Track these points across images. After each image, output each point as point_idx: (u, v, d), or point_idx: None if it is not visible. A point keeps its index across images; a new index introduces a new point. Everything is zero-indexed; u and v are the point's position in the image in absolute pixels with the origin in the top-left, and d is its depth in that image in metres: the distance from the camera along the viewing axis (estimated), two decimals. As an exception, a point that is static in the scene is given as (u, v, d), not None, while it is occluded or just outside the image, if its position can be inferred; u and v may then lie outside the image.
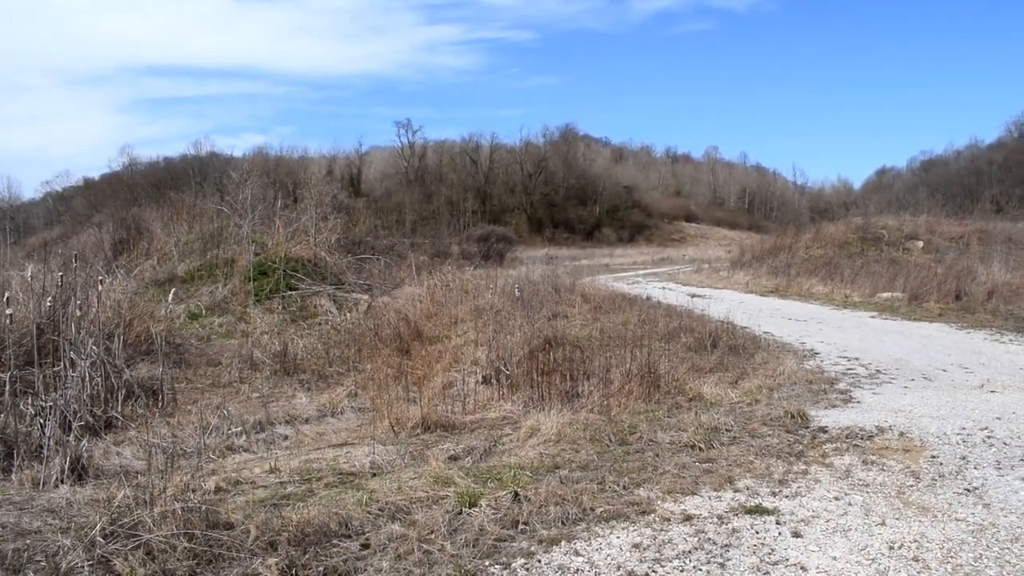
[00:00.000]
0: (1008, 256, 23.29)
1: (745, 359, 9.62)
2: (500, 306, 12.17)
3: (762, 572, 3.78)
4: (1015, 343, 11.61)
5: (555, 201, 77.60)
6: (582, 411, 6.84)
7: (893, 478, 5.21)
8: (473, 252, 29.80)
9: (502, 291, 13.52)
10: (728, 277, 25.36)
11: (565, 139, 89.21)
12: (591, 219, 76.81)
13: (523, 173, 78.16)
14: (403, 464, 5.57)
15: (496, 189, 77.42)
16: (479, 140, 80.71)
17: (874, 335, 12.48)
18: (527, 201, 76.08)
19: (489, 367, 8.75)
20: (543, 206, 76.29)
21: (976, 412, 7.15)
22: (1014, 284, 18.23)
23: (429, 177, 76.35)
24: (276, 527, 4.11)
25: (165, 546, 3.76)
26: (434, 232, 40.45)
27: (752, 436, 6.18)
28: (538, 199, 76.47)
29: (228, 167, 38.14)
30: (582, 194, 79.99)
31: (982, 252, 23.89)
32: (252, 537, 3.98)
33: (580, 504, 4.57)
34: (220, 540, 3.91)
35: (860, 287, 19.32)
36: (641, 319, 11.59)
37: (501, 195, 77.25)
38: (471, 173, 77.06)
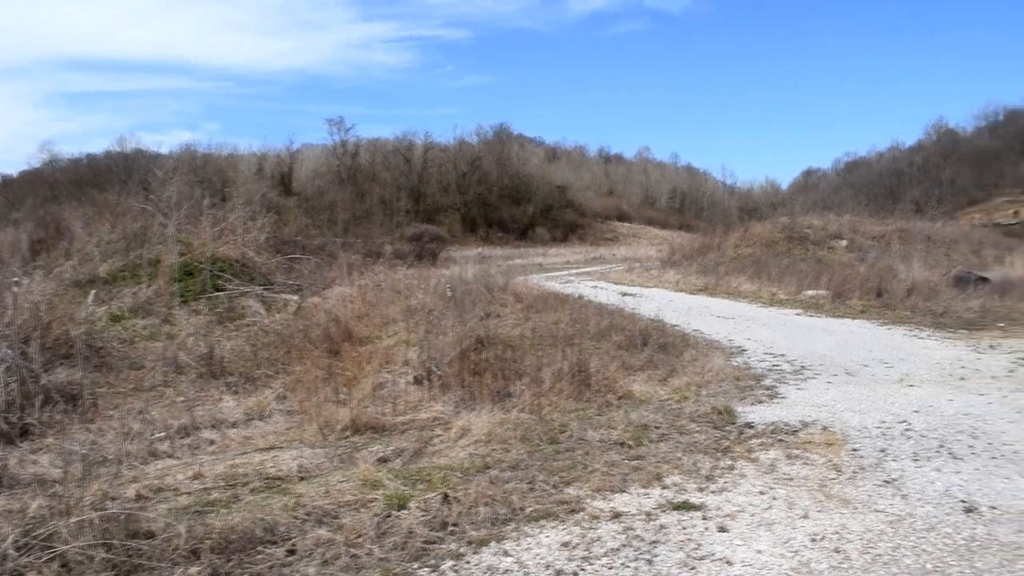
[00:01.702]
0: (927, 255, 24.11)
1: (674, 357, 9.74)
2: (432, 306, 12.12)
3: (688, 567, 3.83)
4: (933, 339, 11.99)
5: (489, 200, 77.52)
6: (513, 411, 6.84)
7: (816, 472, 5.34)
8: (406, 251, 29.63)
9: (434, 291, 13.48)
10: (659, 276, 25.66)
11: (499, 138, 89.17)
12: (525, 218, 76.93)
13: (457, 172, 77.90)
14: (331, 467, 5.50)
15: (430, 188, 77.01)
16: (413, 139, 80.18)
17: (799, 332, 12.77)
18: (461, 200, 75.86)
19: (421, 368, 8.69)
20: (477, 205, 76.15)
21: (895, 406, 7.37)
22: (932, 282, 18.86)
23: (362, 176, 75.49)
24: (199, 535, 4.02)
25: (82, 557, 3.65)
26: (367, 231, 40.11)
27: (680, 433, 6.27)
28: (472, 198, 76.30)
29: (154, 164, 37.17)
30: (516, 193, 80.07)
31: (902, 251, 24.65)
32: (174, 546, 3.88)
33: (510, 504, 4.57)
34: (140, 550, 3.81)
35: (786, 285, 19.73)
36: (573, 318, 11.66)
37: (435, 194, 76.86)
38: (404, 172, 76.48)
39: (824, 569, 3.82)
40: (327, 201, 65.46)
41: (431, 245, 36.00)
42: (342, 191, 68.96)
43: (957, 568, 3.84)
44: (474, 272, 17.07)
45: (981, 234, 35.76)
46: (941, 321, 14.05)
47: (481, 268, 19.41)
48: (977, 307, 15.38)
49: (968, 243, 29.41)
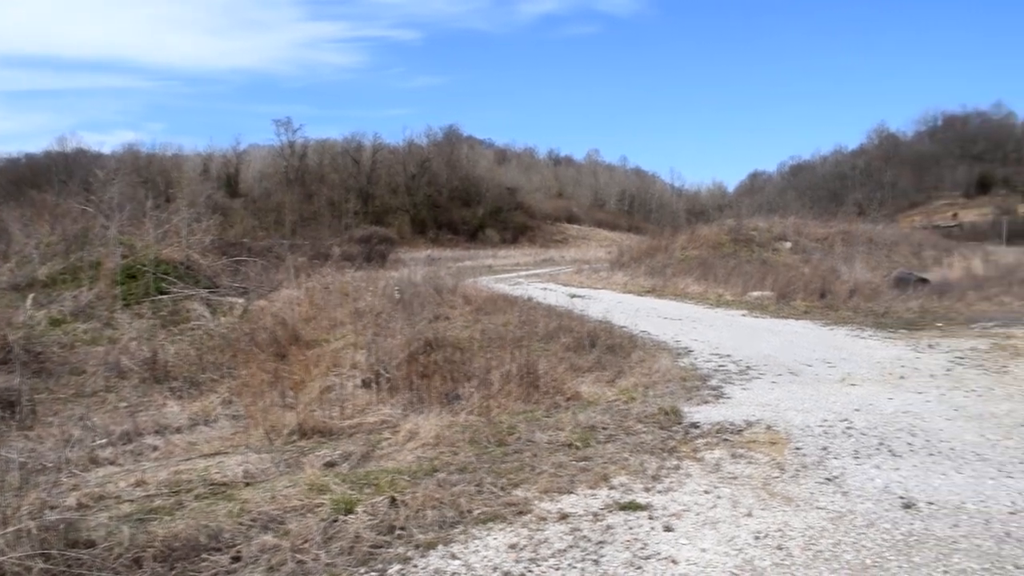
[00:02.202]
0: (869, 256, 24.65)
1: (622, 358, 9.82)
2: (381, 308, 12.06)
3: (635, 567, 3.87)
4: (874, 338, 12.25)
5: (439, 202, 77.31)
6: (462, 413, 6.84)
7: (760, 470, 5.42)
8: (355, 253, 29.43)
9: (383, 293, 13.41)
10: (607, 277, 25.81)
11: (449, 140, 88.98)
12: (475, 220, 76.87)
13: (406, 174, 77.54)
14: (278, 472, 5.44)
15: (379, 190, 76.54)
16: (362, 140, 79.54)
17: (745, 333, 12.95)
18: (410, 202, 75.52)
19: (369, 370, 8.63)
20: (426, 207, 75.88)
21: (837, 404, 7.52)
22: (874, 283, 19.29)
23: (310, 177, 74.73)
24: (141, 543, 3.95)
25: (19, 568, 3.56)
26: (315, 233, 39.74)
27: (627, 434, 6.32)
28: (421, 200, 76.02)
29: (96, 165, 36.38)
30: (466, 195, 79.97)
31: (845, 253, 25.16)
32: (115, 555, 3.81)
33: (457, 507, 4.57)
34: (80, 559, 3.73)
35: (732, 286, 19.98)
36: (522, 320, 11.69)
37: (384, 196, 76.41)
38: (353, 173, 75.87)
39: (767, 566, 3.88)
40: (274, 203, 64.68)
41: (380, 247, 35.81)
42: (290, 193, 68.19)
43: (895, 563, 3.93)
44: (423, 274, 17.02)
45: (921, 236, 36.69)
46: (882, 321, 14.36)
47: (430, 270, 19.37)
48: (917, 307, 15.75)
49: (909, 245, 30.14)
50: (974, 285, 19.04)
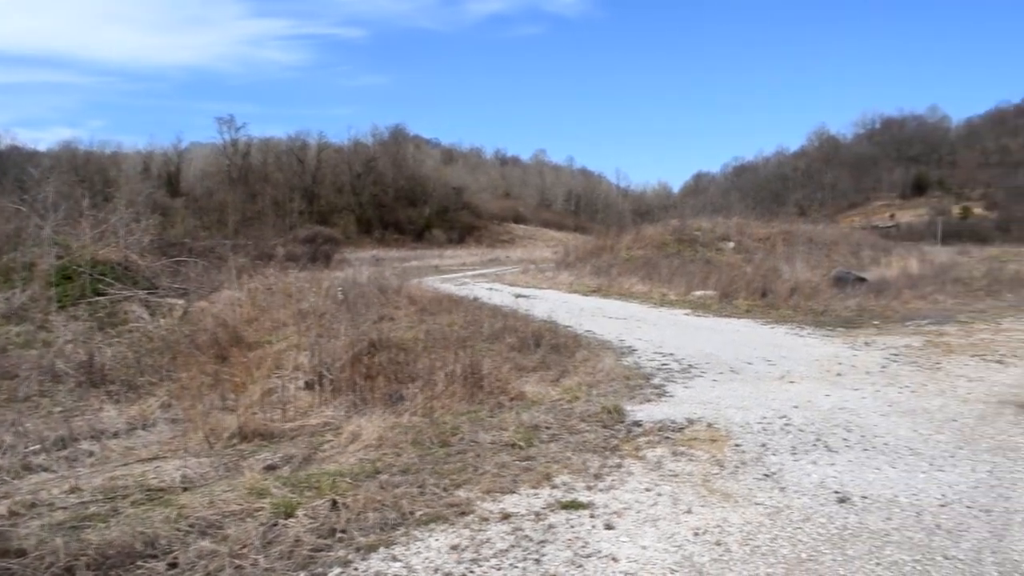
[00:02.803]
0: (809, 256, 25.07)
1: (566, 357, 9.86)
2: (325, 309, 11.94)
3: (576, 565, 3.89)
4: (813, 336, 12.49)
5: (384, 202, 76.89)
6: (405, 414, 6.80)
7: (700, 467, 5.49)
8: (299, 254, 29.05)
9: (327, 294, 13.28)
10: (553, 277, 25.89)
11: (395, 139, 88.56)
12: (421, 220, 76.62)
13: (352, 173, 76.96)
14: (217, 476, 5.35)
15: (324, 189, 75.85)
16: (306, 139, 78.75)
17: (688, 332, 13.10)
18: (356, 202, 74.99)
19: (312, 372, 8.54)
20: (372, 207, 75.41)
21: (776, 402, 7.65)
22: (814, 282, 19.65)
23: (253, 176, 73.68)
24: (75, 551, 3.86)
25: (-56, 579, 3.46)
26: (258, 233, 39.09)
27: (571, 433, 6.35)
28: (367, 200, 75.52)
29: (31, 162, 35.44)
30: (412, 195, 79.65)
31: (786, 252, 25.56)
32: (47, 564, 3.72)
33: (400, 509, 4.55)
34: (10, 569, 3.64)
35: (676, 286, 20.19)
36: (467, 320, 11.68)
37: (329, 195, 75.75)
38: (298, 172, 75.06)
39: (706, 562, 3.94)
40: (217, 202, 63.69)
41: (325, 247, 35.44)
42: (232, 192, 67.21)
43: (830, 556, 4.02)
44: (368, 275, 16.90)
45: (860, 236, 37.35)
46: (821, 320, 14.65)
47: (375, 270, 19.25)
48: (855, 306, 16.09)
49: (848, 245, 30.69)
50: (910, 284, 19.53)
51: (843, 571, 3.85)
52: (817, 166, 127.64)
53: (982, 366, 9.67)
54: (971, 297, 18.20)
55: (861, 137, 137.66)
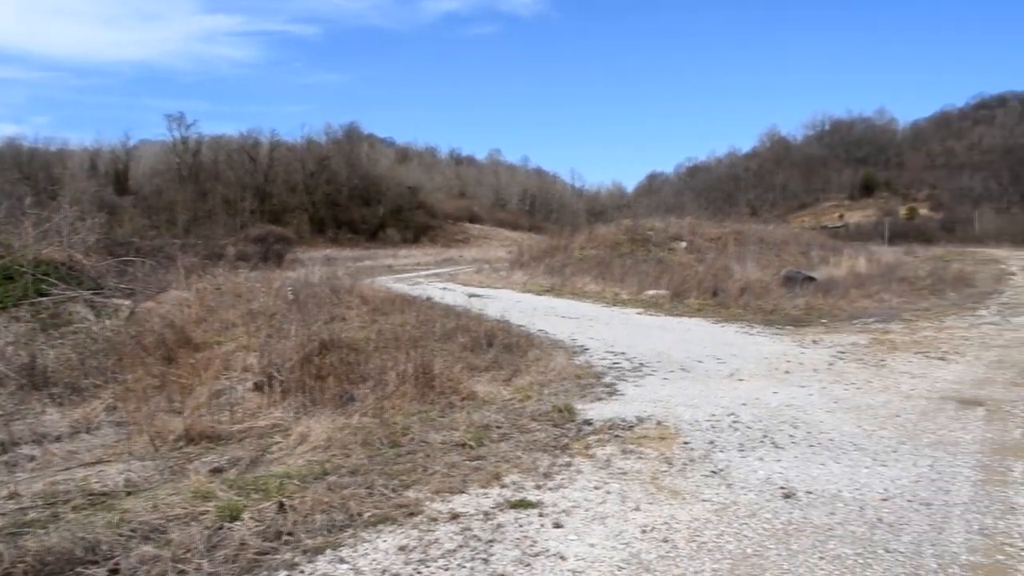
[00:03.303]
0: (760, 256, 25.37)
1: (519, 357, 9.87)
2: (275, 309, 11.81)
3: (524, 564, 3.90)
4: (762, 335, 12.66)
5: (338, 201, 76.23)
6: (355, 415, 6.75)
7: (649, 465, 5.53)
8: (250, 253, 28.75)
9: (278, 294, 13.14)
10: (507, 277, 25.91)
11: (349, 138, 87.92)
12: (375, 219, 76.12)
13: (305, 172, 76.15)
14: (161, 480, 5.27)
15: (276, 188, 74.94)
16: (258, 137, 77.69)
17: (639, 331, 13.20)
18: (309, 201, 74.23)
19: (261, 373, 8.44)
20: (325, 206, 74.71)
21: (725, 399, 7.74)
22: (764, 281, 19.89)
23: (204, 175, 72.46)
24: (12, 558, 3.77)
25: None
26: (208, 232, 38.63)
27: (521, 432, 6.36)
28: (320, 199, 74.80)
29: (-29, 161, 34.60)
30: (366, 194, 79.10)
31: (737, 252, 25.84)
32: (-18, 571, 3.63)
33: (347, 510, 4.51)
34: (-57, 577, 3.54)
35: (629, 285, 20.31)
36: (419, 320, 11.64)
37: (281, 194, 74.87)
38: (250, 171, 74.00)
39: (653, 559, 3.97)
40: (166, 200, 62.51)
41: (277, 247, 35.06)
42: (182, 190, 66.06)
43: (775, 551, 4.08)
44: (320, 274, 16.75)
45: (810, 236, 37.89)
46: (771, 318, 14.85)
47: (328, 270, 19.08)
48: (803, 305, 16.32)
49: (798, 244, 31.13)
50: (857, 283, 19.87)
51: (787, 566, 3.90)
52: (768, 167, 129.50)
53: (925, 363, 9.88)
54: (916, 296, 18.58)
55: (811, 139, 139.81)
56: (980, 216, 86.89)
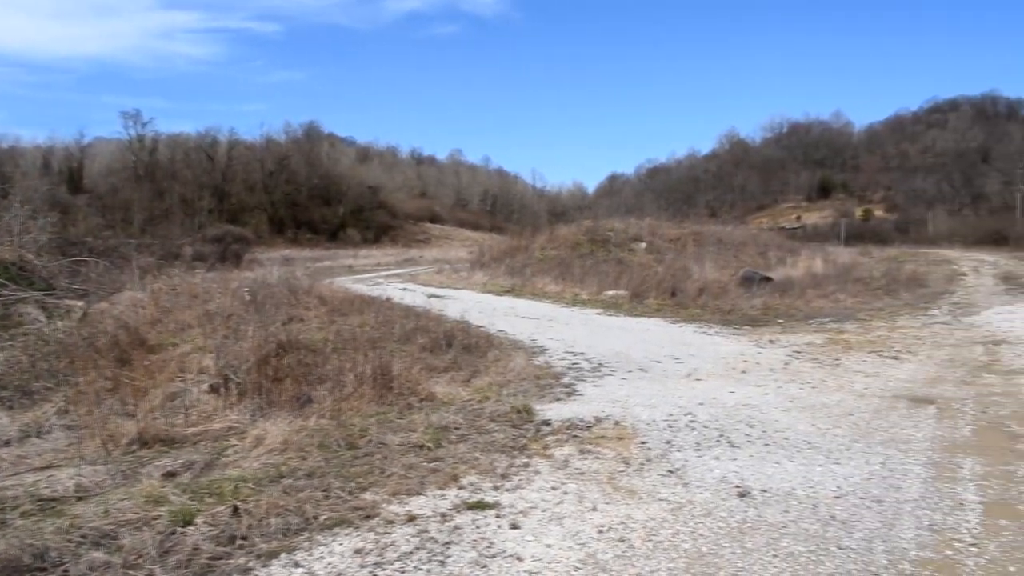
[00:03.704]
0: (718, 256, 25.64)
1: (478, 357, 9.86)
2: (232, 310, 11.68)
3: (480, 566, 3.89)
4: (720, 335, 12.78)
5: (298, 201, 75.54)
6: (312, 417, 6.70)
7: (606, 465, 5.56)
8: (207, 253, 28.41)
9: (235, 294, 12.99)
10: (467, 277, 25.86)
11: (309, 137, 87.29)
12: (335, 219, 75.59)
13: (264, 171, 75.37)
14: (113, 485, 5.18)
15: (235, 187, 74.04)
16: (217, 135, 76.74)
17: (599, 331, 13.25)
18: (268, 200, 73.47)
19: (217, 375, 8.34)
20: (285, 206, 73.99)
21: (683, 399, 7.80)
22: (722, 281, 20.10)
23: (161, 173, 71.31)
24: (-44, 568, 3.69)
25: None
26: (165, 232, 38.02)
27: (480, 433, 6.35)
28: (280, 198, 74.07)
29: (-81, 159, 33.77)
30: (326, 194, 78.51)
31: (696, 253, 26.07)
32: (-75, 579, 3.54)
33: (303, 513, 4.47)
34: None
35: (589, 286, 20.39)
36: (379, 321, 11.57)
37: (240, 194, 73.98)
38: (208, 170, 73.02)
39: (609, 559, 3.99)
40: (122, 199, 61.44)
41: (235, 247, 34.70)
42: (138, 189, 64.98)
43: (729, 549, 4.12)
44: (279, 275, 16.59)
45: (768, 237, 38.29)
46: (728, 318, 14.99)
47: (286, 270, 18.89)
48: (760, 305, 16.52)
49: (756, 245, 31.46)
50: (813, 283, 20.16)
51: (741, 564, 3.94)
52: (727, 168, 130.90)
53: (879, 362, 10.05)
54: (870, 296, 18.89)
55: (769, 141, 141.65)
56: (933, 218, 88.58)
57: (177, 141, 77.08)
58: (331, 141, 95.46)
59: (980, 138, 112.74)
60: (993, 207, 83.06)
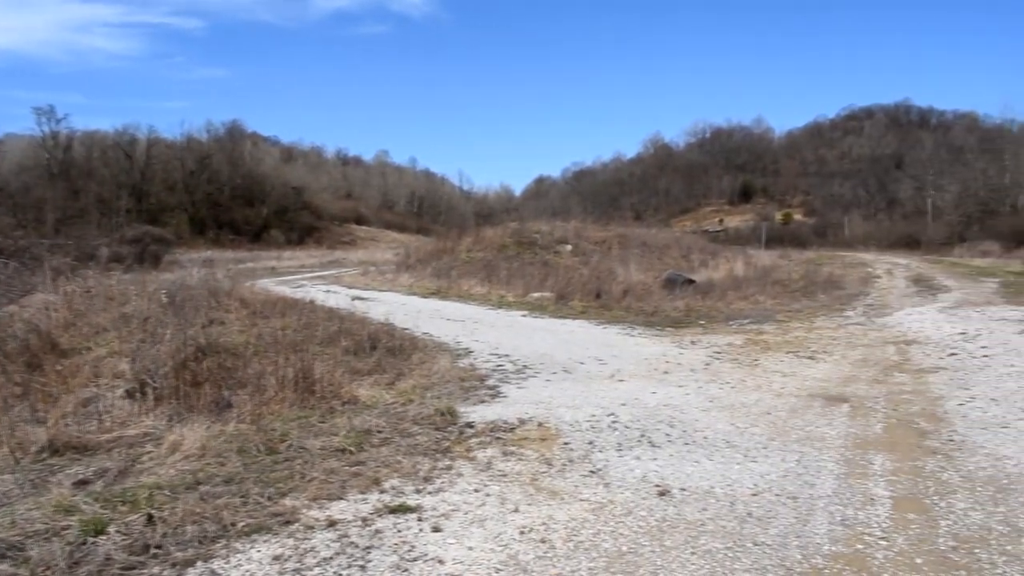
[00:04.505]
0: (642, 259, 26.00)
1: (403, 360, 9.81)
2: (149, 313, 11.39)
3: (401, 570, 3.87)
4: (643, 336, 12.95)
5: (220, 201, 74.15)
6: (232, 422, 6.57)
7: (529, 466, 5.58)
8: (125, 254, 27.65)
9: (152, 297, 12.68)
10: (393, 279, 25.70)
11: (231, 136, 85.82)
12: (259, 220, 74.41)
13: (185, 171, 73.74)
14: (21, 494, 4.99)
15: (154, 187, 72.23)
16: (135, 133, 74.76)
17: (524, 333, 13.31)
18: (189, 200, 71.92)
19: (134, 380, 8.12)
20: (207, 206, 72.53)
21: (605, 400, 7.88)
22: (646, 283, 20.39)
23: (76, 171, 69.03)
24: None
25: None
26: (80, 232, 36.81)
27: (403, 436, 6.31)
28: (201, 198, 72.58)
29: None
30: (249, 194, 77.24)
31: (621, 255, 26.39)
32: None
33: (220, 520, 4.38)
34: None
35: (515, 288, 20.46)
36: (301, 323, 11.42)
37: (160, 193, 72.23)
38: (126, 168, 71.04)
39: (530, 560, 4.00)
40: (34, 198, 59.24)
41: (154, 248, 33.85)
42: (52, 187, 62.72)
43: (649, 547, 4.18)
44: (199, 276, 16.23)
45: (691, 240, 39.00)
46: (652, 320, 15.21)
47: (207, 272, 18.50)
48: (683, 306, 16.81)
49: (679, 248, 31.99)
50: (734, 285, 20.60)
51: (660, 562, 4.01)
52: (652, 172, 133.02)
53: (796, 362, 10.31)
54: (789, 297, 19.38)
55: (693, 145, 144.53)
56: (850, 222, 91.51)
57: (94, 138, 74.84)
58: (254, 140, 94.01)
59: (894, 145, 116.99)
60: (906, 212, 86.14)
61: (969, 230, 59.90)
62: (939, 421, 7.02)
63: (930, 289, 22.48)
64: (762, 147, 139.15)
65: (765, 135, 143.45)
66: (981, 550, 4.14)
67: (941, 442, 6.31)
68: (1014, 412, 7.23)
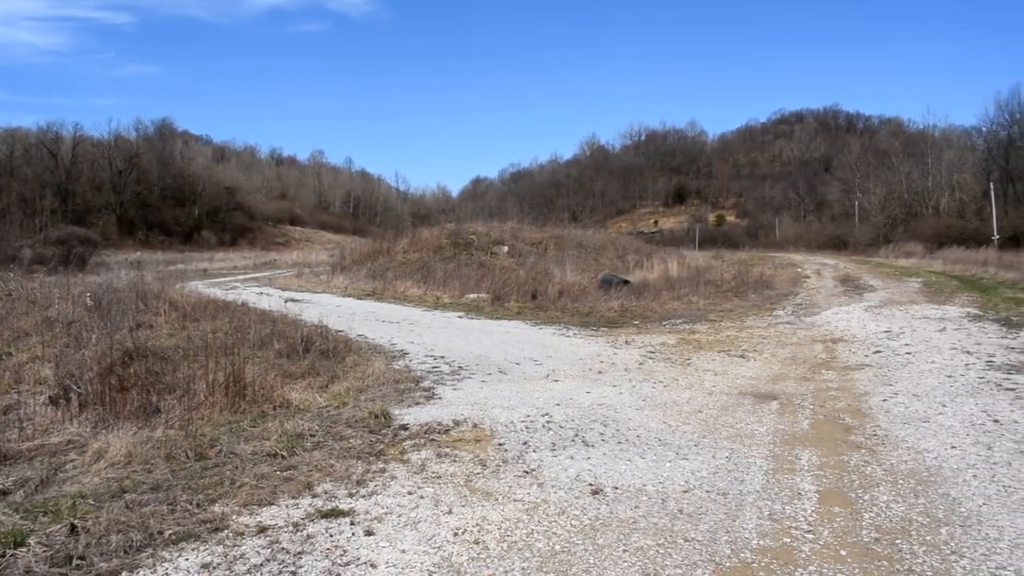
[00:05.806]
0: (578, 259, 26.18)
1: (336, 363, 9.72)
2: (74, 317, 11.09)
3: (333, 575, 3.83)
4: (578, 336, 13.04)
5: (149, 201, 72.51)
6: (160, 427, 6.43)
7: (463, 468, 5.58)
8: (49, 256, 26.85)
9: (77, 300, 12.34)
10: (328, 281, 25.44)
11: (161, 135, 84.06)
12: (190, 221, 72.98)
13: (112, 170, 71.90)
14: (-64, 505, 4.82)
15: (80, 186, 70.29)
16: (60, 130, 72.65)
17: (460, 334, 13.29)
18: (117, 200, 70.15)
19: (57, 386, 7.90)
20: (135, 206, 70.85)
21: (540, 400, 7.92)
22: (582, 284, 20.54)
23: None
24: None
25: None
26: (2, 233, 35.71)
27: (336, 439, 6.25)
28: (130, 199, 70.88)
29: None
30: (180, 194, 75.74)
31: (557, 256, 26.54)
32: None
33: (147, 529, 4.29)
34: None
35: (451, 289, 20.44)
36: (233, 326, 11.24)
37: (86, 193, 70.31)
38: (50, 167, 68.96)
39: (464, 561, 4.00)
40: (-47, 198, 57.43)
41: (80, 249, 32.94)
42: (-28, 187, 60.80)
43: (582, 546, 4.20)
44: (127, 279, 15.86)
45: (626, 241, 39.36)
46: (587, 320, 15.33)
47: (135, 274, 18.09)
48: (618, 307, 16.98)
49: (615, 249, 32.31)
50: (668, 286, 20.87)
51: (593, 560, 4.04)
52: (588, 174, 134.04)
53: (727, 361, 10.49)
54: (721, 298, 19.71)
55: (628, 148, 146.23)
56: (780, 223, 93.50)
57: (16, 136, 72.56)
58: (185, 139, 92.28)
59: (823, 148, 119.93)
60: (834, 214, 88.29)
61: (894, 232, 61.60)
62: (864, 417, 7.22)
63: (857, 289, 23.05)
64: (696, 150, 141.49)
65: (699, 138, 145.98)
66: (902, 541, 4.27)
67: (865, 437, 6.49)
68: (934, 407, 7.47)
